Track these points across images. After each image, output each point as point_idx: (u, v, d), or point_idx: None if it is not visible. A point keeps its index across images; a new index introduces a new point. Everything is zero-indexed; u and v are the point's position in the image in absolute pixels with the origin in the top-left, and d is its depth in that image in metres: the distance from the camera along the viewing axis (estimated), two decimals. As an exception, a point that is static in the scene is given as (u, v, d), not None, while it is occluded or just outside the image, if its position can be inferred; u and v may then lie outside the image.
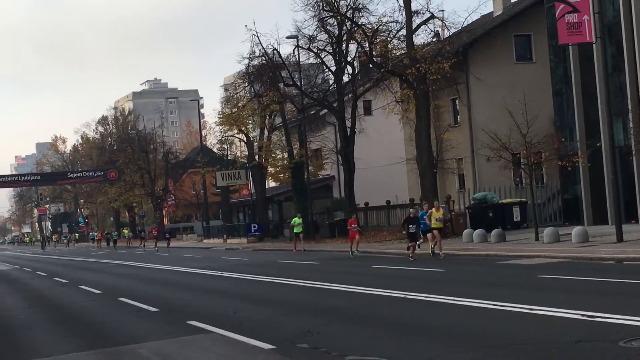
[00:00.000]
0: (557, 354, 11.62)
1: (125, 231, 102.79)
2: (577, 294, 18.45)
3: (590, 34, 33.90)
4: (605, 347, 11.76)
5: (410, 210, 37.31)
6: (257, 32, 70.07)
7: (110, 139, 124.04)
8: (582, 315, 14.53)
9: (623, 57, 40.83)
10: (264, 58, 59.94)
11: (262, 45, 59.89)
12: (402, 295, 20.02)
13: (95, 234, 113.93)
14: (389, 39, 51.98)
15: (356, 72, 58.65)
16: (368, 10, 53.43)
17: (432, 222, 33.76)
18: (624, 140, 41.68)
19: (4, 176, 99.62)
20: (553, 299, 17.26)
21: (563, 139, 43.04)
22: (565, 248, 31.51)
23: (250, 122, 71.40)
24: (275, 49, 59.86)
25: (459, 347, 12.74)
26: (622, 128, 41.64)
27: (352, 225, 42.00)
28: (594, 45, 39.42)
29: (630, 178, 40.88)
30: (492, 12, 58.09)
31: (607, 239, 32.94)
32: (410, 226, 33.87)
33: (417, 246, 34.57)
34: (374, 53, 51.34)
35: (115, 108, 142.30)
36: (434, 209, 34.16)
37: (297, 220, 50.15)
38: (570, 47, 42.73)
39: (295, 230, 49.80)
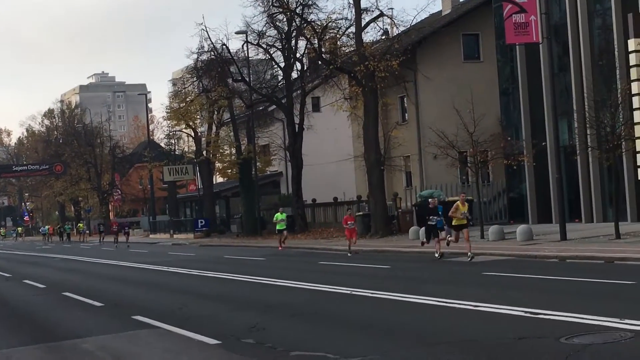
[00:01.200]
0: (500, 350, 11.77)
1: (81, 225, 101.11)
2: (521, 291, 18.64)
3: (537, 35, 34.29)
4: (547, 343, 11.92)
5: (429, 200, 32.49)
6: (206, 27, 71.43)
7: (56, 132, 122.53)
8: (525, 312, 14.70)
9: (569, 58, 41.31)
10: (212, 53, 59.74)
11: (211, 40, 59.90)
12: (349, 292, 20.10)
13: (47, 227, 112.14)
14: (338, 35, 52.06)
15: (305, 68, 58.69)
16: (317, 6, 53.57)
17: (456, 218, 29.19)
18: (568, 140, 42.19)
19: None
20: (497, 296, 17.45)
21: (509, 138, 43.47)
22: (510, 246, 31.86)
23: (198, 117, 71.09)
24: (224, 44, 59.82)
25: (406, 343, 12.85)
26: (567, 128, 42.15)
27: (349, 223, 36.74)
28: (540, 45, 39.85)
29: (574, 177, 41.38)
30: (441, 11, 58.37)
31: (551, 237, 33.35)
32: (432, 217, 30.26)
33: (443, 242, 30.52)
34: (323, 50, 51.39)
35: (61, 101, 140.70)
36: (459, 203, 29.40)
37: (279, 215, 45.28)
38: (517, 47, 43.16)
39: (278, 227, 44.84)
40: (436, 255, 29.95)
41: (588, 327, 12.89)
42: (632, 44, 29.75)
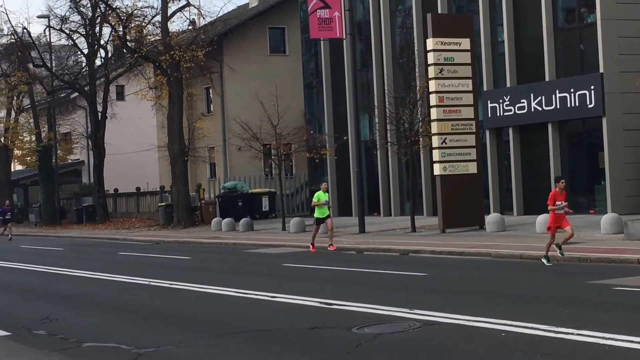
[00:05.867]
0: (292, 339, 11.94)
1: None
2: (318, 282, 18.97)
3: (341, 30, 34.91)
4: (339, 333, 12.17)
5: None
6: (6, 10, 69.20)
7: None
8: (321, 302, 14.96)
9: (371, 55, 42.19)
10: (13, 37, 58.04)
11: (11, 23, 58.47)
12: (147, 282, 19.93)
13: None
14: (144, 24, 51.39)
15: (109, 56, 57.75)
16: (123, -7, 52.59)
17: None
18: (369, 135, 43.11)
19: None
20: (295, 287, 17.68)
21: (312, 132, 44.05)
22: (310, 238, 32.18)
23: (-4, 102, 68.71)
24: (25, 28, 58.32)
25: (201, 333, 12.84)
26: (367, 123, 43.05)
27: (558, 204, 19.42)
28: (344, 41, 40.58)
29: (374, 172, 42.37)
30: (248, 3, 58.57)
31: (350, 230, 34.01)
32: None
33: None
34: (128, 37, 50.57)
35: None
36: None
37: (322, 195, 28.41)
38: (321, 42, 43.77)
39: (316, 215, 28.33)
40: None
41: (379, 317, 13.24)
42: (430, 43, 30.66)
